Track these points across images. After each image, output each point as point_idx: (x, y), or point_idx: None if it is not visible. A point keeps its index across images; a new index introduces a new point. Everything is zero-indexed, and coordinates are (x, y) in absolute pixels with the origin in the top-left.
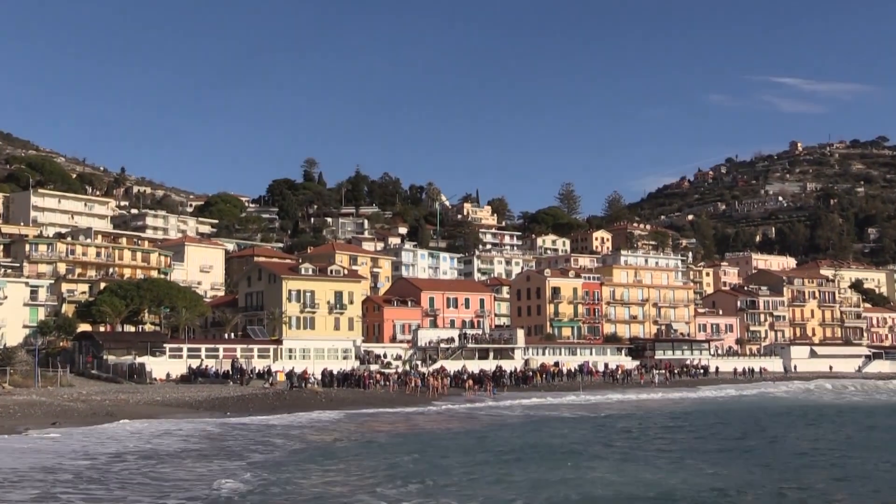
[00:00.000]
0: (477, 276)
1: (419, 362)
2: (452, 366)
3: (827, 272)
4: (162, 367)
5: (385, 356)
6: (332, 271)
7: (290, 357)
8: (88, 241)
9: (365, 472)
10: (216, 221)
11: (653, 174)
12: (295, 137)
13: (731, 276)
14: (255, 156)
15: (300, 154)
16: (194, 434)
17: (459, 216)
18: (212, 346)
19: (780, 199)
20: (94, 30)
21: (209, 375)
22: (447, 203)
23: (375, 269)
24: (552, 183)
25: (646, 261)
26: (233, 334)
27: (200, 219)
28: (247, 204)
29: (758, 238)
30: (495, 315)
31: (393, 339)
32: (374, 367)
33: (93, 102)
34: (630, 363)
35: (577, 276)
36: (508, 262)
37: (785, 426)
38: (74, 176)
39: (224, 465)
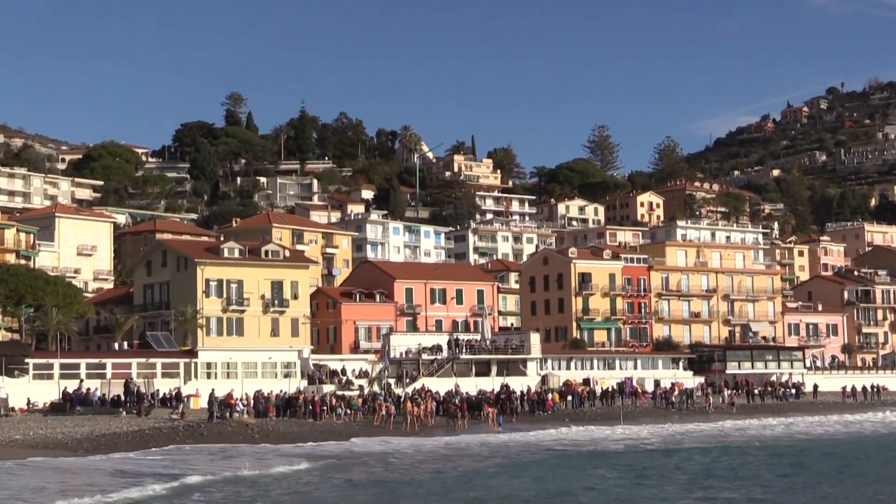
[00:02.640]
0: (473, 258)
1: (392, 381)
2: (440, 385)
3: None
4: (22, 391)
5: (344, 372)
6: (267, 253)
7: (209, 375)
8: None
9: None
10: (101, 183)
11: (723, 113)
12: (213, 64)
13: (834, 255)
14: (155, 90)
15: (220, 88)
16: (62, 488)
17: (448, 174)
18: (96, 360)
19: None
20: None
21: (92, 403)
22: (430, 156)
23: (329, 250)
24: (579, 127)
25: (713, 235)
26: (126, 344)
27: (78, 179)
28: (145, 158)
29: (873, 202)
30: (499, 313)
31: (355, 349)
32: (328, 389)
33: None
34: (691, 380)
35: (616, 256)
36: (518, 239)
37: None
38: None
39: None
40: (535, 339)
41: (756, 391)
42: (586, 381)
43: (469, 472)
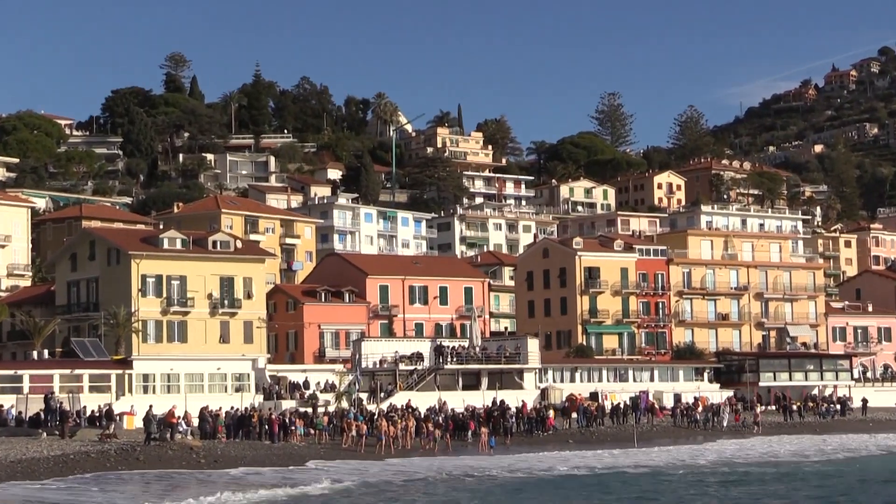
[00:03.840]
0: (460, 249)
1: (364, 396)
2: (421, 400)
3: None
4: None
5: (306, 386)
6: (215, 244)
7: (146, 389)
8: None
9: None
10: (16, 161)
11: (756, 78)
12: (150, 20)
13: (887, 246)
14: (81, 51)
15: (159, 48)
16: None
17: (430, 150)
18: (10, 372)
19: None
20: None
21: (6, 423)
22: (409, 129)
23: (289, 240)
24: (585, 95)
25: (744, 222)
26: (47, 352)
27: None
28: (69, 131)
29: None
30: (491, 315)
31: (320, 357)
32: (287, 405)
33: None
34: (718, 394)
35: (629, 248)
36: (513, 227)
37: None
38: None
39: None
40: (533, 345)
41: (794, 407)
42: (594, 396)
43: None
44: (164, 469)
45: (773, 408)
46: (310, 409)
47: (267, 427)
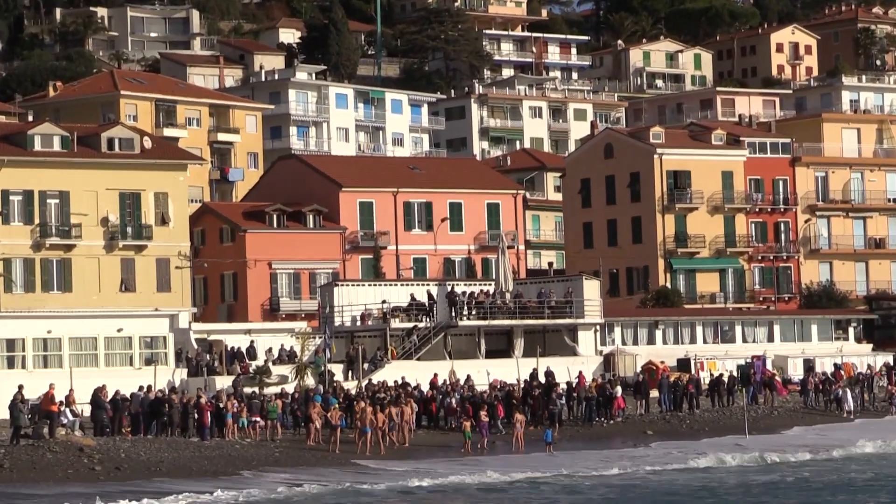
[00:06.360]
0: (480, 147)
1: (339, 368)
2: (422, 373)
3: None
4: None
5: (252, 354)
6: (112, 143)
7: (12, 362)
8: None
9: None
10: None
11: None
12: None
13: None
14: None
15: None
16: None
17: None
18: None
19: None
20: None
21: None
22: None
23: (223, 137)
24: None
25: None
26: None
27: None
28: None
29: None
30: (528, 245)
31: (271, 312)
32: (223, 383)
33: None
34: (867, 357)
35: (735, 141)
36: (558, 112)
37: None
38: None
39: None
40: (591, 290)
41: None
42: (684, 365)
43: None
44: (41, 481)
45: None
46: (257, 390)
47: (196, 416)
